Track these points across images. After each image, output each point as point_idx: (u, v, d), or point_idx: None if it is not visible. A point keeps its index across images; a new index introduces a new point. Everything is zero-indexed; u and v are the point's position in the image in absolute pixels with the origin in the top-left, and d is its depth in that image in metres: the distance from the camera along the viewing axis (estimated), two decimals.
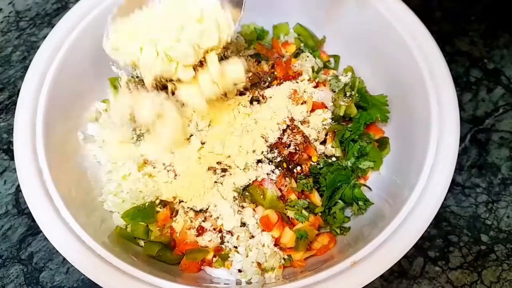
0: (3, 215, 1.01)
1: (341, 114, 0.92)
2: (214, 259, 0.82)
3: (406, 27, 0.89)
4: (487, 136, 1.10)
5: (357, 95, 0.93)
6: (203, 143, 0.87)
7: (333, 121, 0.92)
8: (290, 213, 0.84)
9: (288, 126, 0.89)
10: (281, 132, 0.88)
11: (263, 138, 0.87)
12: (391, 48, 0.92)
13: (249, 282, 0.80)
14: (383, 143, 0.93)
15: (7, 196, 1.02)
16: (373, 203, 0.86)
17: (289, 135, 0.89)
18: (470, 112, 1.13)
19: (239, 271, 0.81)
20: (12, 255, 0.97)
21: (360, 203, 0.86)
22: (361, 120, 0.92)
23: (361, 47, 1.00)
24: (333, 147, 0.89)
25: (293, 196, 0.85)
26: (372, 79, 1.00)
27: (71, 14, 0.90)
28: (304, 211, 0.84)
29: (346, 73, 1.01)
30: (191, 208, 0.84)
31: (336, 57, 1.06)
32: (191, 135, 0.87)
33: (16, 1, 1.28)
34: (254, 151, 0.87)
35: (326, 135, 0.91)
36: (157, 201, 0.85)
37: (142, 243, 0.84)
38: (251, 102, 0.91)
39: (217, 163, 0.86)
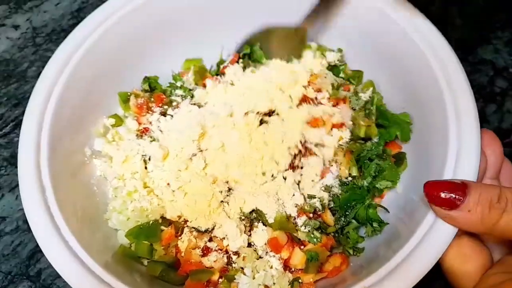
0: (13, 231, 1.00)
1: (362, 135, 0.85)
2: (220, 280, 0.79)
3: (424, 39, 0.83)
4: None
5: (375, 112, 0.88)
6: (207, 163, 0.84)
7: (350, 141, 0.85)
8: (301, 235, 0.80)
9: (300, 151, 0.84)
10: (293, 157, 0.83)
11: (273, 161, 0.82)
12: (408, 60, 0.86)
13: None
14: (399, 158, 0.87)
15: (18, 212, 1.02)
16: (388, 223, 0.81)
17: (300, 158, 0.84)
18: (495, 124, 1.07)
19: None
20: (21, 272, 0.96)
21: (375, 224, 0.80)
22: (381, 141, 0.87)
23: (377, 60, 0.94)
24: (348, 166, 0.83)
25: (304, 218, 0.80)
26: (390, 93, 0.93)
27: (81, 27, 0.88)
28: (315, 232, 0.79)
29: (365, 88, 0.94)
30: (196, 228, 0.81)
31: (359, 73, 0.97)
32: (193, 155, 0.84)
33: (34, 17, 1.30)
34: (264, 174, 0.82)
35: (343, 155, 0.84)
36: (161, 220, 0.82)
37: (146, 262, 0.82)
38: (260, 123, 0.86)
39: (224, 182, 0.83)
